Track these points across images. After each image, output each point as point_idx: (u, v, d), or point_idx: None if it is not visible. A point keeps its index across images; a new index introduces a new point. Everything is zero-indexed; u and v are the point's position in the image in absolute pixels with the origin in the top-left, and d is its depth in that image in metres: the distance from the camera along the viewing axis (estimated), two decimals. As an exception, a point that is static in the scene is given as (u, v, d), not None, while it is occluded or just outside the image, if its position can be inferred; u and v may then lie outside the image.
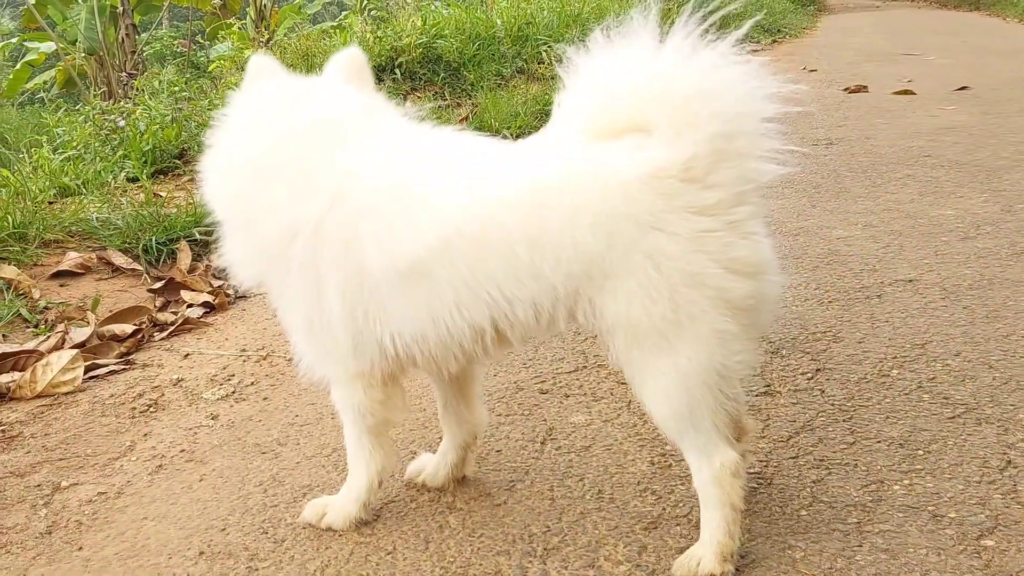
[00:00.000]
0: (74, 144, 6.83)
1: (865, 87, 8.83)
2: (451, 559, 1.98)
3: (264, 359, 3.27)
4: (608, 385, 2.76)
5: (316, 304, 1.94)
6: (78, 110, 7.85)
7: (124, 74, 8.42)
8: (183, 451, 2.59)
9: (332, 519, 2.13)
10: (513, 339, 1.89)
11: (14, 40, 16.74)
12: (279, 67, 2.13)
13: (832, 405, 2.56)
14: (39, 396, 3.06)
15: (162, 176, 6.32)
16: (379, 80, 7.94)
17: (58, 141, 7.15)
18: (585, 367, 2.90)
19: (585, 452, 2.39)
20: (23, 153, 7.11)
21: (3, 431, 2.82)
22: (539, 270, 1.77)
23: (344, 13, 18.29)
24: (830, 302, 3.31)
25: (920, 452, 2.27)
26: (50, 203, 5.24)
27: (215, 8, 16.08)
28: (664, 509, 2.12)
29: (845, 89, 8.88)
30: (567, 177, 1.78)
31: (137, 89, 7.49)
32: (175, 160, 6.47)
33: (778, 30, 15.47)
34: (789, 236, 4.15)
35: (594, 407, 2.63)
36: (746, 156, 1.75)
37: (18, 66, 15.98)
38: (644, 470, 2.29)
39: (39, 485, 2.47)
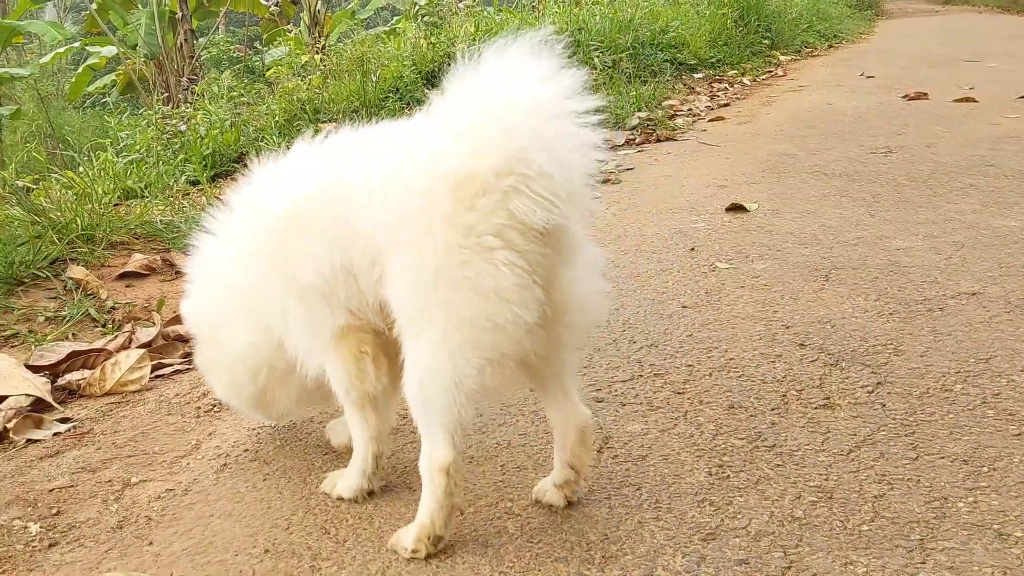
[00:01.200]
0: (137, 147, 7.01)
1: (925, 94, 8.68)
2: (510, 564, 2.00)
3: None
4: (664, 395, 2.76)
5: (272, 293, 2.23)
6: (141, 114, 8.06)
7: (185, 79, 8.63)
8: (247, 450, 2.65)
9: (340, 490, 2.34)
10: (368, 295, 2.07)
11: (76, 44, 17.14)
12: None
13: (894, 420, 2.53)
14: (108, 394, 3.16)
15: (221, 180, 6.46)
16: (432, 85, 8.04)
17: (122, 144, 7.33)
18: (640, 376, 2.90)
19: (642, 461, 2.40)
20: (87, 156, 7.31)
21: (74, 427, 2.92)
22: (356, 229, 2.00)
23: (396, 18, 18.51)
24: (891, 314, 3.27)
25: (985, 469, 2.24)
26: (115, 205, 5.38)
27: (271, 14, 16.37)
28: (722, 520, 2.11)
29: (904, 96, 8.74)
30: (387, 155, 2.02)
31: (197, 94, 7.68)
32: (234, 164, 6.61)
33: (834, 35, 15.29)
34: (847, 246, 4.10)
35: (650, 416, 2.64)
36: (515, 193, 1.79)
37: (80, 70, 16.41)
38: (702, 481, 2.29)
39: (110, 481, 2.55)
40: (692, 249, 4.25)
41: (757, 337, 3.12)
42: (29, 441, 2.85)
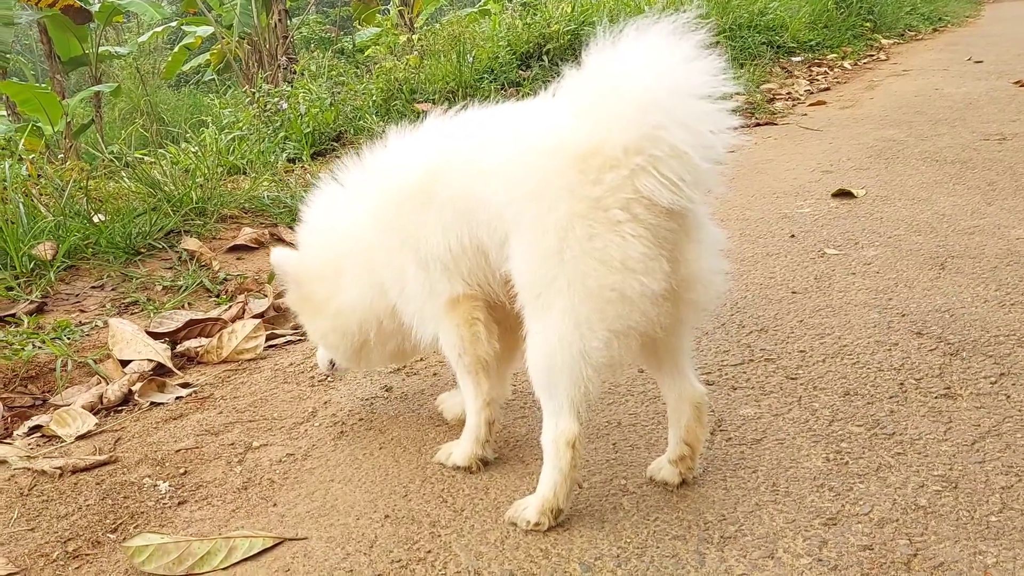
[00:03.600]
0: (240, 125, 7.18)
1: (1038, 79, 8.31)
2: (627, 539, 2.01)
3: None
4: (777, 380, 2.72)
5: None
6: (242, 92, 8.26)
7: (284, 58, 8.80)
8: (362, 419, 2.72)
9: (456, 458, 2.38)
10: (494, 264, 2.12)
11: (173, 24, 17.56)
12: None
13: (1019, 411, 2.44)
14: (224, 361, 3.27)
15: (320, 157, 6.58)
16: (527, 67, 8.04)
17: (224, 122, 7.52)
18: (751, 360, 2.87)
19: (756, 445, 2.37)
20: (189, 133, 7.54)
21: (195, 392, 3.04)
22: (483, 205, 2.04)
23: (484, -1, 18.52)
24: (1012, 304, 3.15)
25: (1121, 465, 2.15)
26: (220, 181, 5.55)
27: (363, -7, 16.50)
28: (843, 506, 2.08)
29: (1016, 82, 8.37)
30: (509, 132, 2.07)
31: (297, 73, 7.83)
32: (332, 142, 6.72)
33: (939, 18, 14.72)
34: (963, 235, 3.97)
35: (763, 401, 2.61)
36: (643, 172, 1.81)
37: (176, 49, 16.84)
38: (819, 466, 2.25)
39: (232, 444, 2.65)
40: (792, 236, 4.16)
41: (871, 325, 3.05)
42: (153, 404, 2.99)
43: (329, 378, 2.88)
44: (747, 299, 3.39)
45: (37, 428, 2.83)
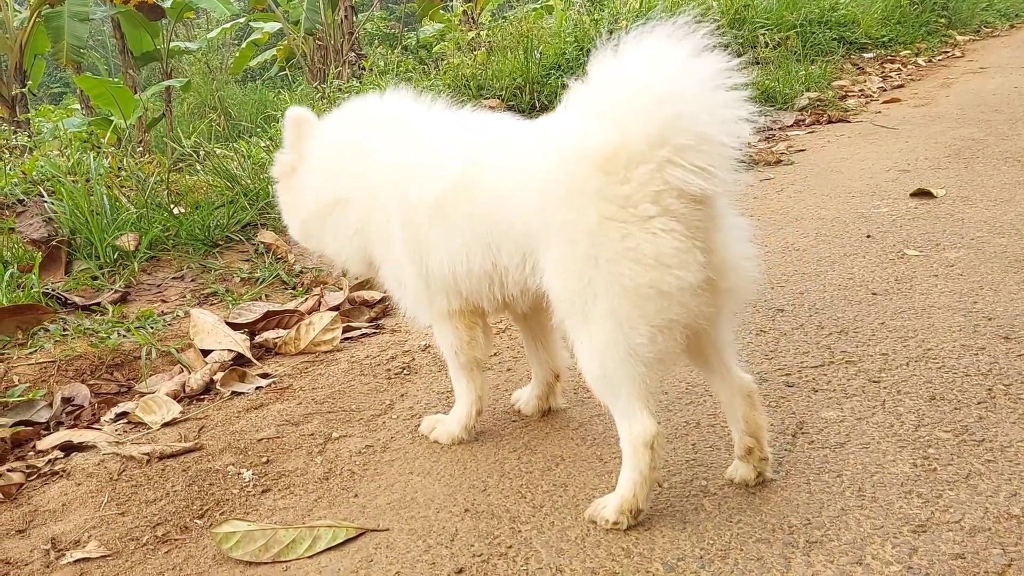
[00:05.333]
0: (310, 121, 7.23)
1: None
2: (710, 541, 1.99)
3: (503, 331, 3.40)
4: (859, 382, 2.67)
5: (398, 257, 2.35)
6: (312, 88, 8.37)
7: (352, 54, 8.91)
8: (439, 413, 2.74)
9: (438, 434, 2.56)
10: (510, 286, 2.18)
11: (241, 20, 17.82)
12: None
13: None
14: (301, 353, 3.33)
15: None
16: (594, 63, 8.00)
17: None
18: (832, 362, 2.82)
19: (840, 449, 2.33)
20: (259, 128, 7.66)
21: (275, 383, 3.10)
22: (511, 223, 2.06)
23: (548, -6, 18.48)
24: (1106, 311, 3.04)
25: None
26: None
27: (427, -10, 16.59)
28: (932, 513, 2.03)
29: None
30: (528, 144, 2.08)
31: (366, 69, 7.92)
32: (402, 138, 6.75)
33: (1016, 15, 14.26)
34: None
35: (845, 404, 2.56)
36: (670, 164, 1.82)
37: (243, 44, 17.11)
38: (906, 471, 2.21)
39: (312, 434, 2.69)
40: (869, 236, 4.07)
41: (956, 328, 2.97)
42: (234, 393, 3.05)
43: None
44: (825, 300, 3.33)
45: (123, 415, 2.92)
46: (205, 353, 3.30)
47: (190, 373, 3.15)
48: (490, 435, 2.59)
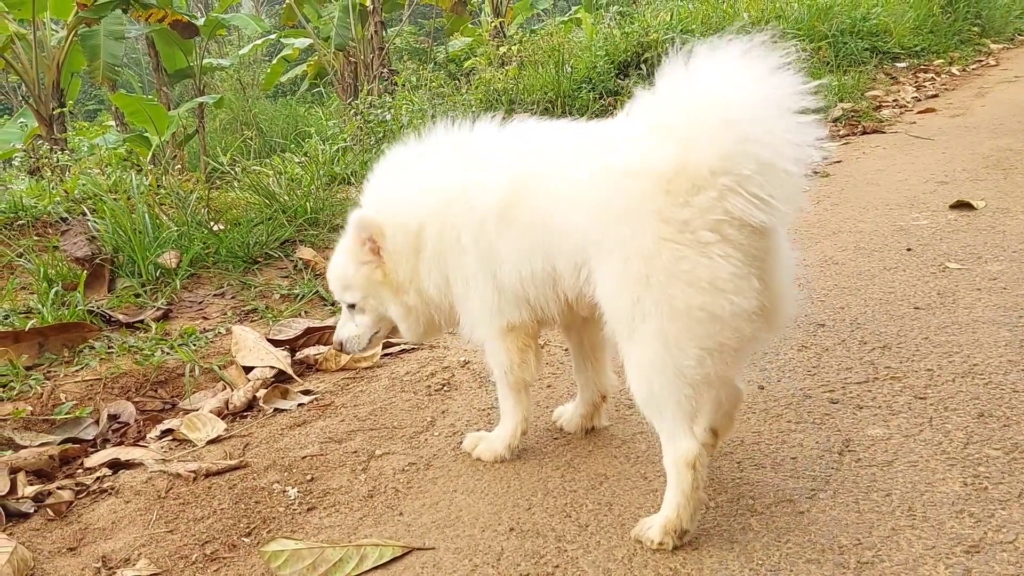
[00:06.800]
0: (343, 136, 7.34)
1: None
2: (759, 561, 1.98)
3: (542, 347, 3.40)
4: (904, 399, 2.64)
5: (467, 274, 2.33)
6: (344, 103, 8.44)
7: (386, 70, 8.98)
8: (480, 430, 2.74)
9: (481, 451, 2.57)
10: (568, 292, 2.18)
11: (272, 36, 18.04)
12: None
13: None
14: (342, 369, 3.36)
15: (422, 169, 6.64)
16: (624, 76, 8.01)
17: (329, 133, 7.70)
18: (876, 379, 2.79)
19: (888, 467, 2.31)
20: (292, 144, 7.74)
21: (317, 400, 3.12)
22: (566, 231, 2.06)
23: (575, 8, 18.54)
24: None
25: None
26: (326, 191, 5.69)
27: (454, 6, 16.74)
28: (985, 533, 2.00)
29: None
30: (586, 156, 2.06)
31: (399, 84, 7.98)
32: (435, 153, 6.79)
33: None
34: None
35: (892, 421, 2.53)
36: (732, 193, 1.79)
37: (274, 61, 17.31)
38: (957, 490, 2.18)
39: (356, 452, 2.71)
40: (909, 249, 4.03)
41: (1002, 343, 2.93)
42: (277, 410, 3.08)
43: (344, 350, 2.68)
44: (867, 315, 3.30)
45: (169, 432, 2.95)
46: (247, 370, 3.33)
47: (233, 390, 3.18)
48: (532, 453, 2.59)
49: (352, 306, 2.58)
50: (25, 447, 2.79)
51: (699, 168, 1.81)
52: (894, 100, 8.15)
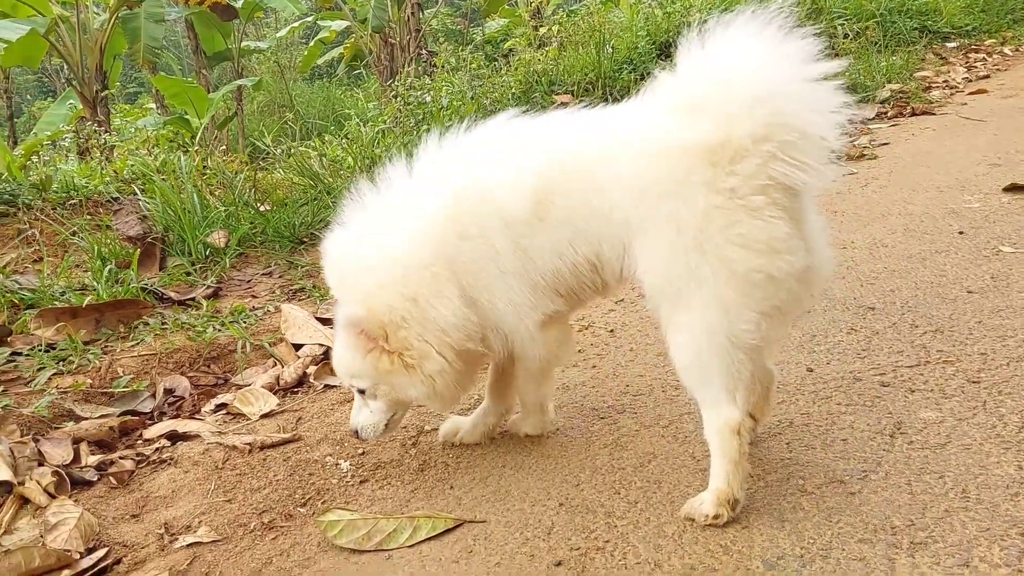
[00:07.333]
0: (384, 118, 7.37)
1: None
2: (810, 540, 1.98)
3: (586, 328, 3.42)
4: (957, 382, 2.62)
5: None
6: (382, 85, 8.47)
7: (424, 51, 8.99)
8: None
9: (528, 427, 2.59)
10: (608, 278, 2.19)
11: (309, 19, 18.09)
12: None
13: None
14: (389, 347, 3.39)
15: (463, 150, 6.66)
16: (666, 57, 7.94)
17: (369, 115, 7.73)
18: (928, 362, 2.77)
19: (941, 450, 2.29)
20: (331, 126, 7.79)
21: (365, 376, 3.16)
22: (605, 214, 2.05)
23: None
24: None
25: None
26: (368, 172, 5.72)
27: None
28: (1041, 517, 1.99)
29: None
30: (622, 138, 2.06)
31: (438, 67, 7.99)
32: (473, 135, 6.80)
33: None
34: None
35: (944, 404, 2.51)
36: (773, 158, 1.86)
37: (311, 43, 17.38)
38: (1011, 474, 2.16)
39: (405, 427, 2.75)
40: (961, 232, 3.97)
41: (1058, 328, 2.89)
42: (327, 386, 3.13)
43: (363, 441, 2.55)
44: (918, 298, 3.27)
45: (223, 406, 3.02)
46: (297, 347, 3.39)
47: (283, 366, 3.24)
48: (579, 432, 2.61)
49: (363, 391, 2.37)
50: (86, 418, 2.87)
51: (741, 139, 1.88)
52: (944, 81, 8.00)
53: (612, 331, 3.40)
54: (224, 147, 7.14)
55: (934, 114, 6.94)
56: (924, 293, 3.31)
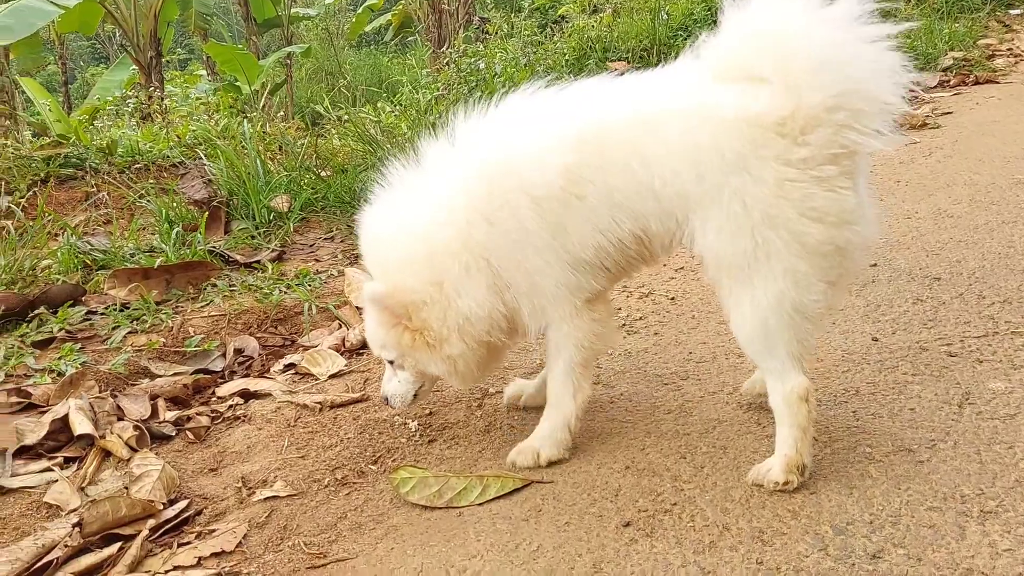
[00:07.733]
0: (438, 85, 7.38)
1: None
2: (879, 507, 1.99)
3: (647, 296, 3.44)
4: (1027, 354, 2.60)
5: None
6: (433, 52, 8.48)
7: (476, 18, 8.97)
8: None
9: (522, 457, 2.32)
10: (657, 250, 2.18)
11: (358, -15, 18.00)
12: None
13: None
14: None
15: (517, 116, 6.66)
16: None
17: (423, 82, 7.74)
18: (996, 333, 2.74)
19: (1010, 420, 2.28)
20: (384, 93, 7.82)
21: (429, 339, 3.22)
22: (653, 188, 2.01)
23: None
24: None
25: None
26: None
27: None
28: (1115, 490, 1.98)
29: None
30: (674, 108, 2.00)
31: (492, 33, 7.97)
32: (529, 102, 6.79)
33: None
34: None
35: (1014, 375, 2.49)
36: (845, 127, 1.86)
37: (360, 10, 17.40)
38: (1084, 446, 2.15)
39: (471, 390, 2.80)
40: (1028, 202, 3.90)
41: None
42: (391, 348, 3.19)
43: (390, 406, 2.50)
44: (985, 268, 3.22)
45: (291, 366, 3.09)
46: (360, 310, 3.45)
47: (348, 329, 3.31)
48: (643, 396, 2.64)
49: (392, 362, 2.38)
50: (161, 376, 2.97)
51: (813, 108, 1.86)
52: (1008, 49, 7.77)
53: (673, 299, 3.41)
54: (282, 113, 7.21)
55: (998, 83, 6.77)
56: (992, 264, 3.26)
